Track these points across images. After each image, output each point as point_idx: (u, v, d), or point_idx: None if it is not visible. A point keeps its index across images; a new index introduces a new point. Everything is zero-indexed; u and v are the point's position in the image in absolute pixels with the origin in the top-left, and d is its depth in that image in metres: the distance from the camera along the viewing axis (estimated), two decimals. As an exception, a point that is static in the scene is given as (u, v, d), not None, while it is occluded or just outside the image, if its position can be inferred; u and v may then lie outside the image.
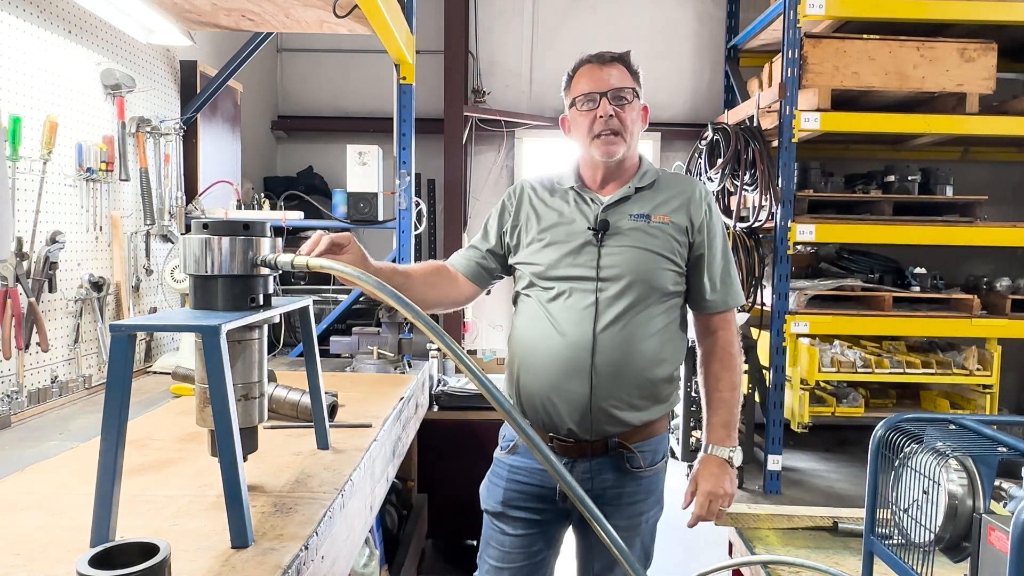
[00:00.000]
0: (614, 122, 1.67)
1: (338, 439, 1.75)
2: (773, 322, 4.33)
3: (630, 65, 1.74)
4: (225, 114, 3.51)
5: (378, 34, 2.74)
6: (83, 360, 2.32)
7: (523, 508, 1.75)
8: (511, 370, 1.77)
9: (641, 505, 1.72)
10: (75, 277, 2.30)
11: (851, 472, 4.70)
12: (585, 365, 1.63)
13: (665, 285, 1.68)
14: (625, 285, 1.65)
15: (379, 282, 1.21)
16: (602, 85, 1.69)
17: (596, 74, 1.70)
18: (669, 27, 5.79)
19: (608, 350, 1.63)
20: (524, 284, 1.77)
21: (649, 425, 1.71)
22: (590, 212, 1.72)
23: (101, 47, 2.45)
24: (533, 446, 1.15)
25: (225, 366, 1.11)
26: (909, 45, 4.25)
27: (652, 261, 1.67)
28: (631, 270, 1.66)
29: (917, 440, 1.12)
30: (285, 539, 1.18)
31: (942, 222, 4.48)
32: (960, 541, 1.05)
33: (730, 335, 1.77)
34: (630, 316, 1.65)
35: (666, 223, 1.70)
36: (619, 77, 1.70)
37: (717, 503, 1.70)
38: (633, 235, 1.68)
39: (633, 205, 1.72)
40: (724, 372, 1.75)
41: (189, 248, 1.25)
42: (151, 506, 1.31)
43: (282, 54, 5.77)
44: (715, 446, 1.73)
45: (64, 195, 2.24)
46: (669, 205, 1.72)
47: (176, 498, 1.35)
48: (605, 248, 1.68)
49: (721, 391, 1.75)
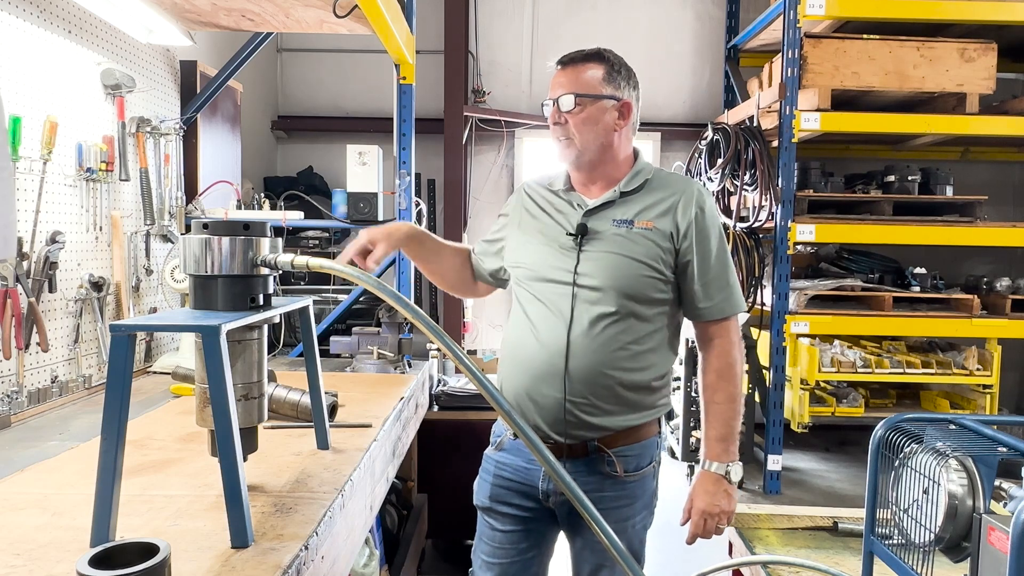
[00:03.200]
0: (560, 128, 1.67)
1: (338, 439, 1.75)
2: (773, 322, 4.33)
3: (594, 64, 1.68)
4: (225, 114, 3.51)
5: (378, 34, 2.73)
6: (83, 360, 2.32)
7: (509, 504, 1.75)
8: (499, 371, 1.79)
9: (626, 510, 1.69)
10: (75, 277, 2.30)
11: (851, 472, 4.69)
12: (558, 369, 1.62)
13: (646, 293, 1.65)
14: (603, 291, 1.63)
15: (379, 282, 1.22)
16: (554, 91, 1.69)
17: (554, 80, 1.70)
18: (669, 27, 5.79)
19: (581, 355, 1.61)
20: (513, 285, 1.79)
21: (632, 430, 1.68)
22: (574, 216, 1.70)
23: (101, 47, 2.45)
24: (530, 444, 1.15)
25: (225, 366, 1.11)
26: (909, 45, 4.24)
27: (632, 268, 1.63)
28: (608, 277, 1.63)
29: (917, 440, 1.12)
30: (285, 539, 1.18)
31: (942, 222, 4.47)
32: (960, 541, 1.05)
33: (727, 344, 1.70)
34: (607, 322, 1.62)
35: (649, 229, 1.65)
36: (569, 83, 1.67)
37: (713, 521, 1.66)
38: (614, 241, 1.65)
39: (617, 209, 1.68)
40: (721, 383, 1.69)
41: (189, 248, 1.25)
42: (151, 506, 1.30)
43: (282, 54, 5.77)
44: (710, 462, 1.68)
45: (64, 195, 2.24)
46: (655, 209, 1.68)
47: (176, 498, 1.35)
48: (584, 254, 1.65)
49: (718, 403, 1.69)
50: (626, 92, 1.70)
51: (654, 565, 1.82)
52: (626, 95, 1.70)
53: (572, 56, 1.70)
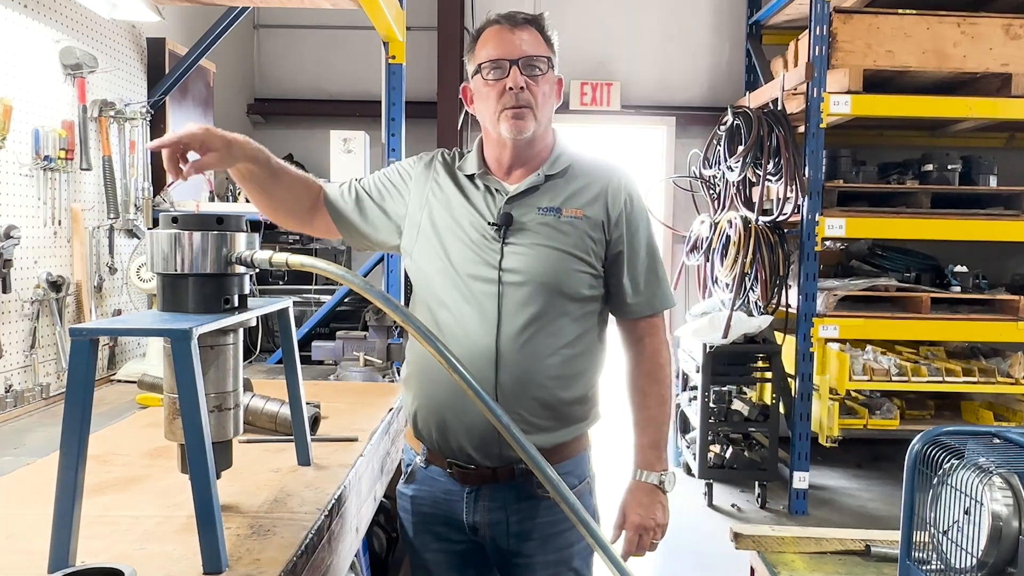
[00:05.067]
0: (525, 95, 1.57)
1: (321, 454, 1.76)
2: (799, 326, 4.34)
3: (544, 30, 1.64)
4: (197, 97, 3.51)
5: (364, 8, 2.74)
6: (40, 367, 2.32)
7: (437, 541, 1.70)
8: (406, 383, 1.71)
9: (569, 535, 1.65)
10: (31, 276, 2.30)
11: (885, 490, 4.71)
12: (488, 380, 1.55)
13: (578, 289, 1.60)
14: (531, 289, 1.57)
15: (366, 282, 1.22)
16: (512, 51, 1.58)
17: (506, 37, 1.59)
18: (684, 1, 5.79)
19: (512, 364, 1.56)
20: (418, 281, 1.68)
21: (562, 447, 1.64)
22: (493, 204, 1.63)
23: (60, 23, 2.45)
24: (519, 447, 1.16)
25: (196, 374, 1.11)
26: (949, 21, 4.25)
27: (562, 261, 1.59)
28: (537, 272, 1.57)
29: (958, 455, 1.12)
30: (263, 564, 1.18)
31: (985, 215, 4.48)
32: (1005, 567, 1.05)
33: (658, 342, 1.69)
34: (537, 325, 1.57)
35: (579, 217, 1.61)
36: (532, 43, 1.60)
37: (648, 536, 1.63)
38: (540, 231, 1.59)
39: (542, 196, 1.63)
40: (652, 386, 1.68)
41: (157, 244, 1.25)
42: (115, 528, 1.30)
43: (259, 31, 5.78)
44: (644, 471, 1.65)
45: (19, 186, 2.24)
46: (583, 196, 1.64)
47: (143, 519, 1.35)
48: (508, 247, 1.59)
49: (649, 407, 1.67)
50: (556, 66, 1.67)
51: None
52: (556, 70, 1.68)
53: (525, 16, 1.63)
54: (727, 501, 4.49)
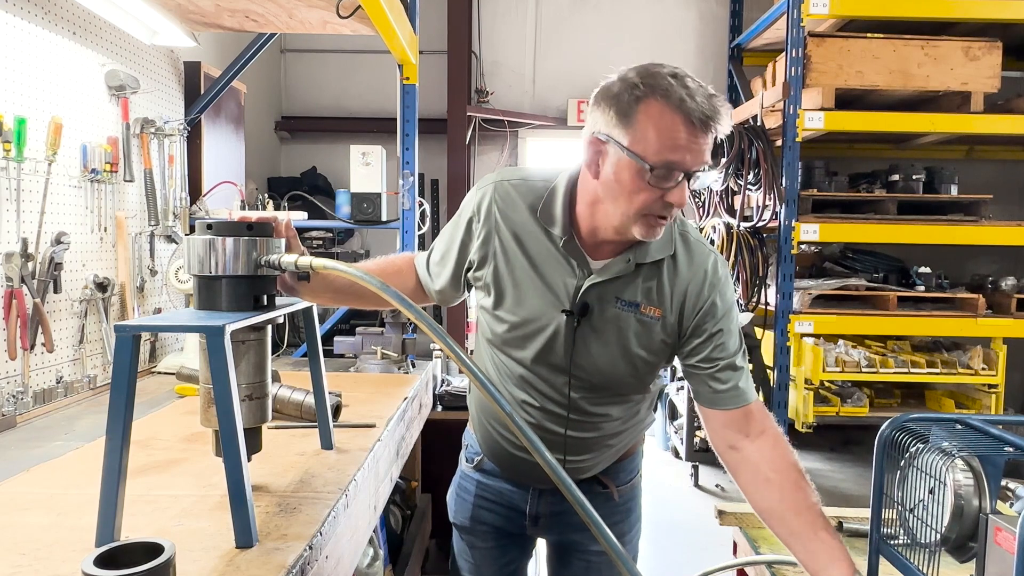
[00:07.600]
0: (674, 209, 1.27)
1: (342, 439, 1.75)
2: (777, 322, 4.33)
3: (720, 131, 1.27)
4: (229, 115, 3.51)
5: (381, 35, 2.74)
6: (88, 360, 2.32)
7: (493, 524, 1.69)
8: (475, 409, 1.68)
9: (621, 526, 1.64)
10: (80, 278, 2.30)
11: (856, 472, 4.69)
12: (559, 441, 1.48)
13: (645, 383, 1.49)
14: (598, 386, 1.44)
15: (382, 283, 1.21)
16: (694, 163, 1.23)
17: (695, 144, 1.22)
18: (672, 26, 5.79)
19: (577, 447, 1.50)
20: (489, 328, 1.50)
21: (623, 455, 1.63)
22: (571, 281, 1.36)
23: (105, 48, 2.46)
24: (533, 448, 1.15)
25: (229, 366, 1.11)
26: (913, 44, 4.24)
27: (633, 363, 1.40)
28: (608, 374, 1.40)
29: (923, 440, 1.11)
30: (289, 539, 1.18)
31: (947, 221, 4.47)
32: (966, 541, 1.04)
33: (776, 429, 1.38)
34: (603, 410, 1.48)
35: (657, 317, 1.36)
36: (709, 148, 1.26)
37: None
38: (615, 328, 1.37)
39: (624, 287, 1.36)
40: (804, 480, 1.32)
41: (193, 249, 1.25)
42: (155, 506, 1.31)
43: (286, 55, 5.78)
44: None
45: (69, 196, 2.25)
46: (666, 292, 1.37)
47: (180, 498, 1.35)
48: (580, 338, 1.37)
49: (814, 505, 1.29)
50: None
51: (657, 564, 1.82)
52: None
53: (714, 111, 1.22)
54: (712, 482, 4.48)
